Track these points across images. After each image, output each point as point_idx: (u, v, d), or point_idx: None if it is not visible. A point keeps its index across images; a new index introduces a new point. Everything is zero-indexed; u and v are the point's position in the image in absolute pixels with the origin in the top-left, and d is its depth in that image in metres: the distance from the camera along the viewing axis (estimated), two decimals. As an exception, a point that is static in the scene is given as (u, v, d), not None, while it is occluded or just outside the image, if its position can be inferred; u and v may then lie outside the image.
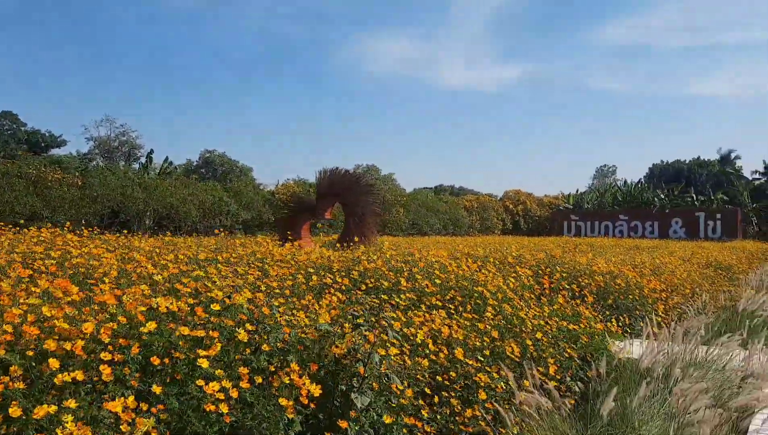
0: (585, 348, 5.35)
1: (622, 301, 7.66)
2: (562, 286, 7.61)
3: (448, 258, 7.84)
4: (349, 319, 3.72)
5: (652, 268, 9.81)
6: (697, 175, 69.50)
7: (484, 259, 8.40)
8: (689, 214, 45.64)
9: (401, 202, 37.74)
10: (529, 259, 8.71)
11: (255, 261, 6.16)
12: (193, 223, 26.96)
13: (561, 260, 8.48)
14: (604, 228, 48.34)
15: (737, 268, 15.79)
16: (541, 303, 6.04)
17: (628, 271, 8.50)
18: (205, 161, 38.76)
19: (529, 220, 50.72)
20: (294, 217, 16.81)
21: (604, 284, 7.85)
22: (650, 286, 8.47)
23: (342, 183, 16.22)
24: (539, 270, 8.00)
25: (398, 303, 4.97)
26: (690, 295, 9.30)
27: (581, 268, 8.22)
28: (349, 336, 3.29)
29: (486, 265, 7.31)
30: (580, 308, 6.32)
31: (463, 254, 9.05)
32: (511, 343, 4.70)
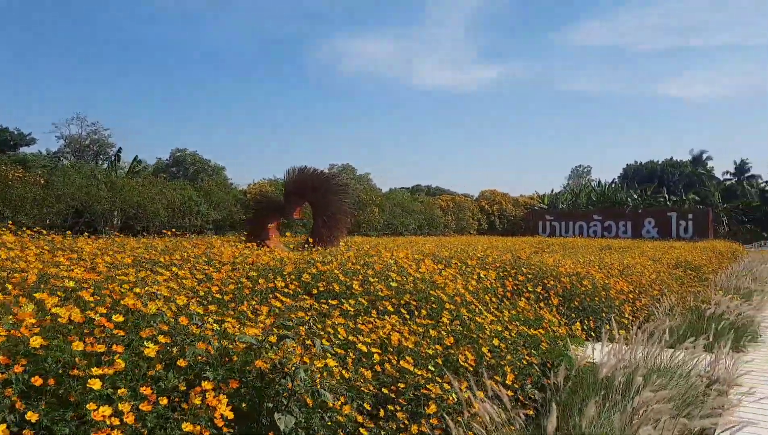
0: (546, 354, 5.11)
1: (588, 303, 7.46)
2: (528, 288, 7.39)
3: (411, 259, 7.57)
4: (288, 328, 3.41)
5: (620, 269, 9.65)
6: (670, 176, 70.40)
7: (448, 260, 8.15)
8: (662, 214, 46.10)
9: (376, 202, 37.46)
10: (496, 260, 8.48)
11: (203, 263, 5.83)
12: (162, 224, 26.36)
13: (527, 261, 8.26)
14: (579, 228, 48.61)
15: (707, 268, 15.78)
16: (502, 306, 5.79)
17: (596, 272, 8.32)
18: (176, 160, 37.98)
19: (504, 220, 50.78)
20: (261, 216, 16.41)
21: (571, 286, 7.64)
22: (617, 287, 8.29)
23: (310, 182, 15.87)
24: (504, 271, 7.77)
25: (347, 309, 4.67)
26: (658, 297, 9.15)
27: (548, 270, 8.01)
28: (280, 348, 2.99)
29: (448, 267, 7.05)
30: (542, 312, 6.09)
31: (427, 255, 8.80)
32: (466, 350, 4.43)
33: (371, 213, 36.11)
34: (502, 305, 5.85)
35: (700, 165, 74.55)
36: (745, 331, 7.28)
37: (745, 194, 64.31)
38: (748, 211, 54.31)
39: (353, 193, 40.42)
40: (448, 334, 4.64)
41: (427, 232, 41.54)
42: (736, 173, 74.91)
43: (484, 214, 49.38)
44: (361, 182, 56.29)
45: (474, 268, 7.47)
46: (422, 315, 4.94)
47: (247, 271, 5.35)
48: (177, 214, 27.24)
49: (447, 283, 5.59)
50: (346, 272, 5.69)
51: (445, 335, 4.61)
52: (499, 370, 4.51)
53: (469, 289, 5.68)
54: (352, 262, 6.20)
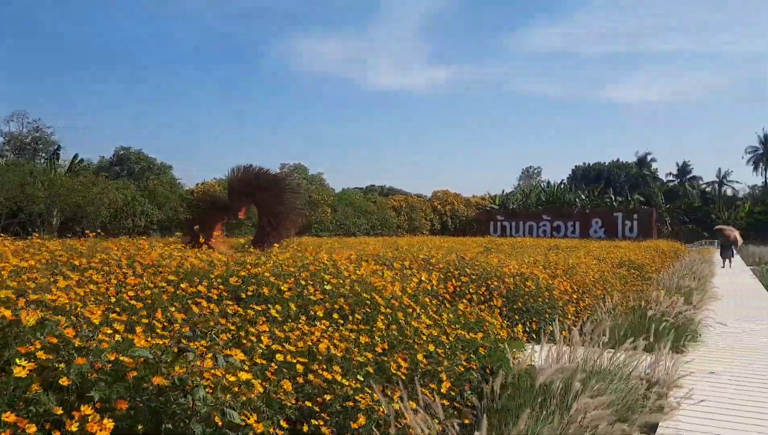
0: (485, 359, 4.93)
1: (531, 304, 7.35)
2: (471, 289, 7.23)
3: (351, 261, 7.32)
4: (193, 338, 3.10)
5: (564, 269, 9.62)
6: (616, 177, 72.25)
7: (391, 261, 7.94)
8: (608, 214, 47.24)
9: (328, 203, 37.06)
10: (440, 260, 8.30)
11: (126, 266, 5.42)
12: (103, 224, 25.36)
13: (471, 262, 8.11)
14: (529, 228, 49.37)
15: (650, 267, 16.07)
16: (442, 310, 5.59)
17: (539, 273, 8.23)
18: (119, 158, 36.54)
19: (456, 221, 51.07)
20: (205, 216, 15.86)
21: (514, 287, 7.52)
22: (561, 287, 8.23)
23: (256, 181, 15.43)
24: (448, 273, 7.60)
25: (275, 315, 4.38)
26: (602, 296, 9.15)
27: (492, 270, 7.88)
28: (180, 362, 2.68)
29: (389, 269, 6.82)
30: (484, 314, 5.92)
31: (371, 256, 8.56)
32: (399, 357, 4.20)
33: (323, 213, 35.70)
34: (442, 308, 5.65)
35: (644, 166, 76.81)
36: (685, 331, 7.30)
37: (687, 195, 66.65)
38: (690, 211, 56.28)
39: (304, 193, 39.96)
40: (382, 340, 4.41)
41: (380, 232, 41.38)
42: (678, 175, 77.56)
43: (437, 214, 49.54)
44: (313, 182, 55.60)
45: (417, 269, 7.27)
46: (356, 320, 4.69)
47: (168, 274, 4.99)
48: (119, 215, 26.28)
49: (385, 285, 5.35)
50: (278, 275, 5.39)
51: (380, 341, 4.37)
52: (436, 377, 4.30)
53: (408, 291, 5.46)
54: (287, 264, 5.90)
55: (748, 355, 7.12)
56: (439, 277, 7.09)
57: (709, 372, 6.15)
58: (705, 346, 7.48)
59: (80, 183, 25.42)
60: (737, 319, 9.78)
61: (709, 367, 6.42)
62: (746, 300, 12.75)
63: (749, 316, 10.32)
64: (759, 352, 7.32)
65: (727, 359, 6.85)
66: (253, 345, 3.78)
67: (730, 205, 56.67)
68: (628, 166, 74.90)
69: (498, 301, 7.12)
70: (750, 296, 13.56)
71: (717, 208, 55.98)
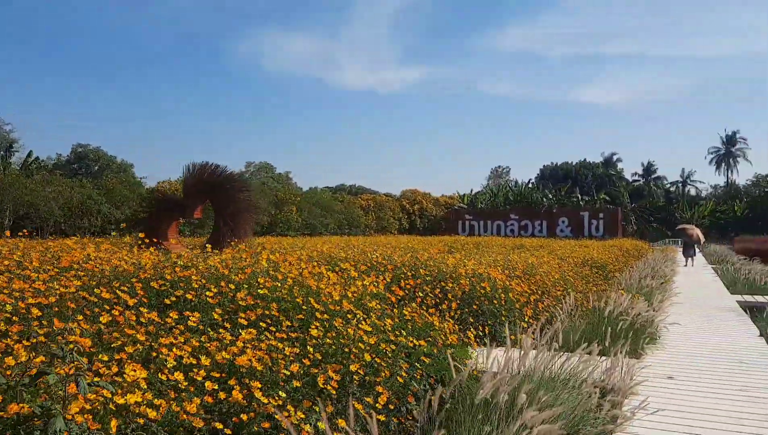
0: (430, 367, 4.59)
1: (487, 306, 7.05)
2: (424, 291, 6.90)
3: (303, 260, 6.93)
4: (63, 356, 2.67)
5: (524, 269, 9.37)
6: (583, 177, 72.96)
7: (342, 262, 7.56)
8: (574, 213, 47.51)
9: (294, 202, 36.44)
10: (395, 260, 7.95)
11: (42, 271, 4.95)
12: (57, 224, 24.45)
13: (426, 262, 7.78)
14: (497, 227, 49.41)
15: (613, 266, 15.99)
16: (386, 314, 5.23)
17: (497, 274, 7.94)
18: (77, 156, 35.28)
19: (425, 220, 50.90)
20: (158, 216, 15.29)
21: (470, 288, 7.21)
22: (519, 289, 7.96)
23: (211, 179, 14.91)
24: (401, 274, 7.26)
25: (194, 323, 3.97)
26: (562, 297, 8.91)
27: (447, 271, 7.56)
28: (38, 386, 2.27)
29: (337, 271, 6.45)
30: (433, 318, 5.59)
31: (324, 257, 8.18)
32: (331, 369, 3.83)
33: (288, 212, 35.10)
34: (387, 313, 5.30)
35: (611, 166, 77.73)
36: (644, 333, 7.08)
37: (652, 195, 67.65)
38: (654, 210, 57.04)
39: (270, 191, 39.26)
40: (316, 350, 4.04)
41: (348, 231, 40.92)
42: (643, 174, 78.73)
43: (405, 213, 49.30)
44: (281, 181, 54.92)
45: (368, 271, 6.91)
46: (288, 328, 4.31)
47: (84, 277, 4.53)
48: (74, 214, 25.36)
49: (324, 289, 4.98)
50: (210, 277, 4.98)
51: (312, 351, 4.00)
52: (372, 389, 3.95)
53: (349, 296, 5.09)
54: (225, 266, 5.48)
55: (708, 358, 6.93)
56: (390, 278, 6.74)
57: (667, 377, 5.92)
58: (664, 349, 7.28)
59: (33, 181, 24.47)
60: (698, 320, 9.65)
61: (668, 371, 6.19)
62: (707, 299, 12.71)
63: (710, 316, 10.22)
64: (718, 353, 7.14)
65: (686, 363, 6.64)
66: (162, 358, 3.38)
67: (693, 205, 57.63)
68: (594, 166, 75.71)
69: (453, 304, 6.81)
70: (711, 295, 13.53)
71: (680, 208, 56.88)
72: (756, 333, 8.54)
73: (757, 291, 14.41)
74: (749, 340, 8.03)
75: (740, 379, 5.94)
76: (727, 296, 13.31)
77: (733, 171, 77.20)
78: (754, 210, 53.22)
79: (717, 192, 71.72)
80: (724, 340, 8.01)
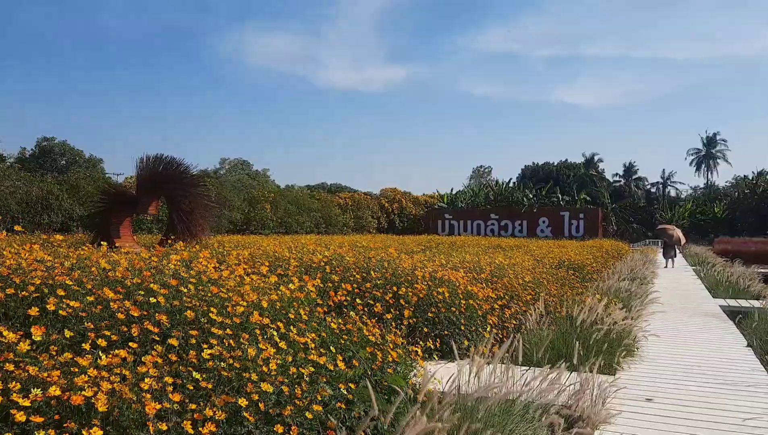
0: (349, 394, 3.74)
1: (444, 314, 6.23)
2: (376, 295, 6.06)
3: (244, 261, 6.04)
4: None
5: (491, 270, 8.56)
6: (565, 177, 72.55)
7: (284, 262, 6.70)
8: (555, 213, 46.96)
9: (268, 199, 35.33)
10: (348, 261, 7.08)
11: None
12: (14, 220, 23.23)
13: (379, 264, 6.93)
14: (477, 227, 48.73)
15: (591, 267, 15.24)
16: (311, 328, 4.37)
17: (457, 277, 7.10)
18: (42, 150, 33.78)
19: (404, 219, 50.02)
20: (110, 212, 14.30)
21: (427, 293, 6.38)
22: (483, 293, 7.14)
23: (165, 173, 13.95)
24: (350, 276, 6.40)
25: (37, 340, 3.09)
26: (532, 302, 8.12)
27: (402, 273, 6.72)
28: None
29: (271, 274, 5.57)
30: (375, 329, 4.74)
31: (267, 256, 7.31)
32: (220, 401, 2.97)
33: (262, 210, 34.00)
34: (314, 326, 4.43)
35: (592, 167, 77.53)
36: (620, 345, 6.28)
37: (633, 195, 67.56)
38: (635, 211, 56.80)
39: (244, 189, 38.19)
40: (205, 378, 3.17)
41: (325, 230, 39.92)
42: (624, 175, 78.65)
43: (384, 212, 48.39)
44: (257, 179, 53.77)
45: (318, 270, 6.05)
46: (168, 348, 3.42)
47: None
48: (33, 210, 24.15)
49: (232, 296, 4.10)
50: (99, 283, 4.08)
51: (201, 379, 3.14)
52: (271, 429, 3.09)
53: (263, 305, 4.21)
54: (124, 267, 4.58)
55: (692, 374, 6.15)
56: (338, 281, 5.88)
57: (646, 399, 5.11)
58: (642, 362, 6.49)
59: (-12, 175, 23.24)
60: (679, 328, 8.91)
61: (646, 391, 5.40)
62: (689, 303, 12.01)
63: (692, 323, 9.49)
64: (703, 369, 6.37)
65: (667, 380, 5.86)
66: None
67: (674, 206, 57.47)
68: (576, 166, 75.42)
69: (405, 311, 5.97)
70: (693, 299, 12.84)
71: (661, 208, 56.70)
72: (743, 343, 7.80)
73: (740, 294, 13.75)
74: (737, 352, 7.28)
75: (729, 401, 5.16)
76: (710, 300, 12.63)
77: (713, 172, 77.50)
78: (734, 211, 53.13)
79: (697, 193, 71.82)
80: (708, 352, 7.25)
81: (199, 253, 6.10)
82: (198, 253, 6.12)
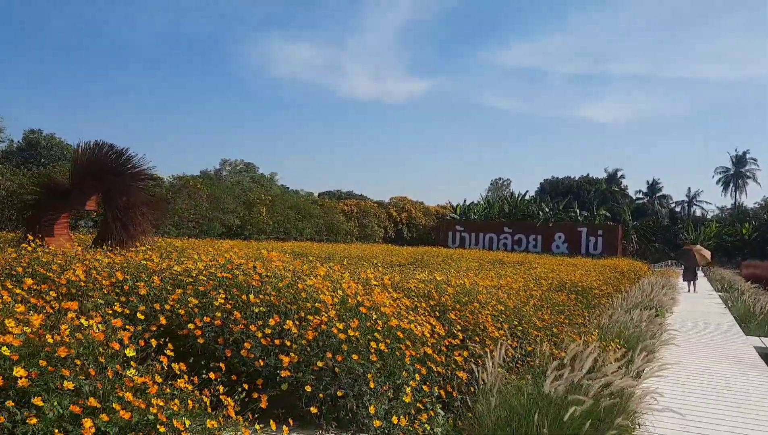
0: None
1: (344, 366, 4.12)
2: (249, 331, 4.00)
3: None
4: None
5: (453, 294, 6.43)
6: (586, 193, 69.72)
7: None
8: (572, 229, 44.37)
9: (265, 202, 33.35)
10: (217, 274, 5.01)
11: None
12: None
13: (265, 281, 4.84)
14: (489, 240, 46.34)
15: (599, 290, 12.95)
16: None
17: (383, 301, 4.97)
18: (29, 143, 32.14)
19: (413, 229, 47.73)
20: (42, 207, 12.40)
21: (318, 334, 4.28)
22: (425, 329, 5.01)
23: (102, 162, 12.03)
24: (213, 300, 4.34)
25: None
26: (503, 338, 5.99)
27: (304, 297, 4.63)
28: None
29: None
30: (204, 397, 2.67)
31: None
32: None
33: (257, 214, 32.05)
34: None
35: (614, 183, 74.61)
36: (611, 424, 4.09)
37: (656, 213, 64.46)
38: (658, 230, 53.87)
39: (244, 191, 36.32)
40: None
41: (327, 238, 37.91)
42: (648, 192, 75.57)
43: (392, 221, 46.19)
44: (262, 183, 51.84)
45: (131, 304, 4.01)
46: None
47: None
48: (5, 205, 22.57)
49: None
50: None
51: None
52: None
53: None
54: None
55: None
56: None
57: None
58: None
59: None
60: (703, 384, 6.67)
61: None
62: (715, 342, 9.71)
63: (720, 375, 7.24)
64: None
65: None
66: None
67: (699, 226, 54.49)
68: (597, 181, 72.64)
69: (284, 358, 3.91)
70: (719, 336, 10.53)
71: (685, 228, 53.79)
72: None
73: (778, 332, 11.41)
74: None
75: None
76: (741, 338, 10.32)
77: (741, 192, 74.07)
78: (763, 234, 50.04)
79: (724, 214, 68.53)
80: (747, 431, 5.04)
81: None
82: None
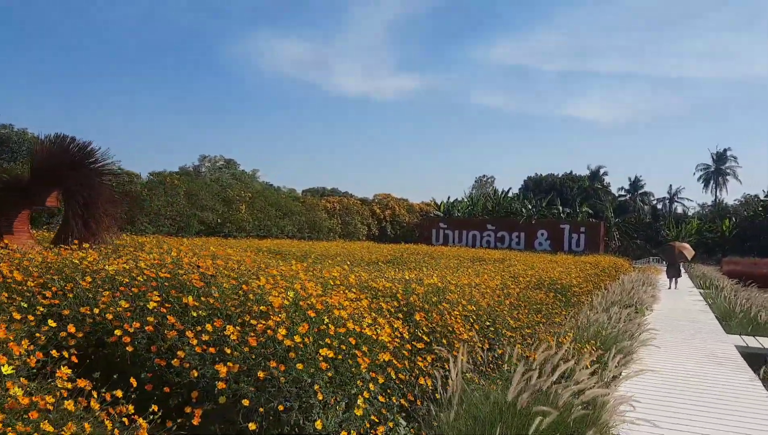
0: None
1: (285, 373, 3.74)
2: (171, 338, 3.59)
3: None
4: None
5: (423, 293, 6.08)
6: (569, 190, 69.84)
7: None
8: (554, 226, 44.26)
9: (244, 199, 32.78)
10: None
11: None
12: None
13: (191, 279, 4.43)
14: (472, 237, 46.10)
15: (579, 288, 12.68)
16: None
17: (340, 302, 4.59)
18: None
19: (396, 227, 47.34)
20: (0, 204, 11.87)
21: (273, 334, 3.90)
22: (383, 334, 4.64)
23: (62, 157, 11.50)
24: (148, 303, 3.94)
25: None
26: (473, 341, 5.66)
27: (253, 299, 4.24)
28: None
29: None
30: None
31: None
32: None
33: (237, 211, 31.48)
34: None
35: (597, 180, 74.84)
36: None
37: (638, 210, 64.77)
38: (640, 227, 53.99)
39: (223, 188, 35.73)
40: None
41: (309, 236, 37.40)
42: (630, 189, 75.92)
43: (376, 219, 45.79)
44: (243, 179, 51.18)
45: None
46: None
47: None
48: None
49: None
50: None
51: None
52: None
53: None
54: None
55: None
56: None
57: None
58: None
59: None
60: (682, 386, 6.38)
61: None
62: (695, 340, 9.46)
63: (700, 375, 6.97)
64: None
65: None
66: None
67: (680, 223, 54.72)
68: (580, 179, 72.83)
69: (221, 368, 3.52)
70: (700, 335, 10.29)
71: (667, 225, 54.00)
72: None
73: (760, 330, 11.17)
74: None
75: None
76: (722, 337, 10.09)
77: (722, 189, 74.68)
78: (743, 230, 50.33)
79: (704, 211, 69.01)
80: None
81: None
82: None
